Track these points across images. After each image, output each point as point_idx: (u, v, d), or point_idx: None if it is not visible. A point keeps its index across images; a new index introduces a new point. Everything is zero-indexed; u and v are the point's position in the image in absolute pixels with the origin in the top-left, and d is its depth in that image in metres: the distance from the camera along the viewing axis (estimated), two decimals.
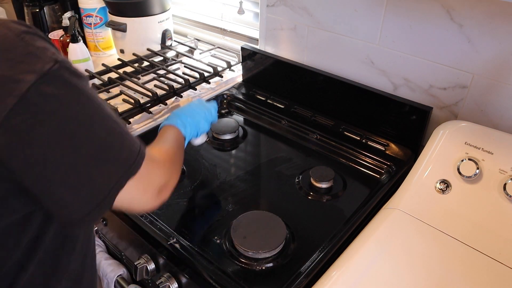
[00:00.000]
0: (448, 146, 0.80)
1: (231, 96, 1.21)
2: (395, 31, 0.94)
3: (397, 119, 0.97)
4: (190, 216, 0.82)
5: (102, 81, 1.20)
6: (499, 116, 0.86)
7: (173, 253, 0.72)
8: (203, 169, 0.95)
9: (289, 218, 0.80)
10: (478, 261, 0.67)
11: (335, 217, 0.82)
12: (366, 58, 1.02)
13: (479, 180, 0.75)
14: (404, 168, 0.91)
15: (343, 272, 0.65)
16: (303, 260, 0.72)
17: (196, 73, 1.24)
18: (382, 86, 1.01)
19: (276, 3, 1.15)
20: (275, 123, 1.12)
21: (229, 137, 1.05)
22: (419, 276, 0.65)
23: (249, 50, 1.21)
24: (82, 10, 1.40)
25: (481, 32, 0.82)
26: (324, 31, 1.07)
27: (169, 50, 1.40)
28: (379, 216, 0.77)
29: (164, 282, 0.73)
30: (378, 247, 0.69)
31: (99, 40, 1.45)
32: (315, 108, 1.11)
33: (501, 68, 0.82)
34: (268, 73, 1.20)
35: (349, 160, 0.98)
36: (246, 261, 0.71)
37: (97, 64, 1.35)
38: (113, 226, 0.89)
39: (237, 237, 0.73)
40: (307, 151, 1.02)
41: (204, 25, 1.52)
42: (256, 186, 0.91)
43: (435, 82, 0.92)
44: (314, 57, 1.13)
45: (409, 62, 0.95)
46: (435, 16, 0.86)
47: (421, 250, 0.69)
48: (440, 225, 0.73)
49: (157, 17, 1.36)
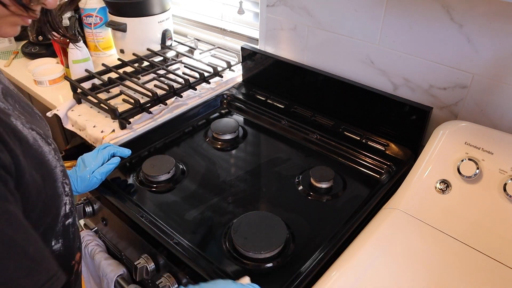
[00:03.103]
0: (448, 146, 0.80)
1: (231, 96, 1.21)
2: (395, 31, 0.94)
3: (397, 119, 0.97)
4: (190, 216, 0.82)
5: (102, 81, 1.20)
6: (499, 116, 0.86)
7: (173, 253, 0.72)
8: (203, 169, 0.95)
9: (289, 218, 0.80)
10: (478, 261, 0.67)
11: (335, 217, 0.82)
12: (366, 58, 1.02)
13: (479, 180, 0.75)
14: (404, 168, 0.91)
15: (343, 272, 0.65)
16: (303, 260, 0.72)
17: (196, 73, 1.24)
18: (382, 86, 1.01)
19: (276, 3, 1.15)
20: (275, 123, 1.12)
21: (229, 137, 1.05)
22: (419, 276, 0.65)
23: (249, 50, 1.21)
24: (82, 10, 1.40)
25: (481, 32, 0.82)
26: (324, 31, 1.07)
27: (169, 50, 1.40)
28: (379, 216, 0.77)
29: (164, 282, 0.73)
30: (378, 247, 0.69)
31: (99, 40, 1.45)
32: (315, 108, 1.11)
33: (501, 68, 0.82)
34: (268, 73, 1.20)
35: (349, 160, 0.98)
36: (246, 261, 0.71)
37: (97, 64, 1.35)
38: (113, 226, 0.89)
39: (238, 238, 0.73)
40: (307, 151, 1.02)
41: (204, 25, 1.52)
42: (256, 186, 0.91)
43: (435, 82, 0.92)
44: (314, 57, 1.13)
45: (409, 62, 0.95)
46: (435, 16, 0.86)
47: (421, 250, 0.69)
48: (440, 225, 0.73)
49: (157, 17, 1.35)
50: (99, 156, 0.84)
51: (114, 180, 0.91)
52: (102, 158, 0.84)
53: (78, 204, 0.91)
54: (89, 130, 1.04)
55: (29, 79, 1.33)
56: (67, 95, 1.21)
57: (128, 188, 0.90)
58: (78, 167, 0.83)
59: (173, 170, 0.91)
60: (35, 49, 1.48)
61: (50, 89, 1.28)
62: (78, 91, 1.15)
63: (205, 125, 1.12)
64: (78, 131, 1.10)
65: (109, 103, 1.06)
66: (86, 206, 0.91)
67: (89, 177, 0.81)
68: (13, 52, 1.54)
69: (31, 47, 1.49)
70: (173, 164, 0.91)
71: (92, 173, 0.82)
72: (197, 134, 1.09)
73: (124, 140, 1.01)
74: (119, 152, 0.87)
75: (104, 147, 0.87)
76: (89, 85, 1.19)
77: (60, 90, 1.28)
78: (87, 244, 0.93)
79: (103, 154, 0.85)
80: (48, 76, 1.29)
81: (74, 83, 1.15)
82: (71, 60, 1.23)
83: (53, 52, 1.44)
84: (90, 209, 0.91)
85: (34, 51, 1.47)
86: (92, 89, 1.17)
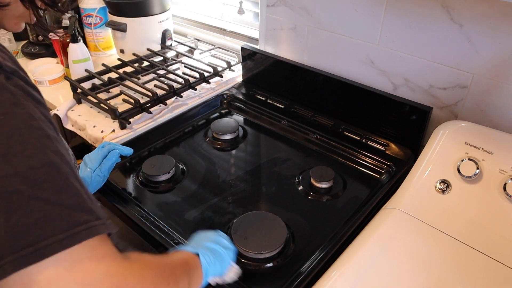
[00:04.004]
0: (448, 146, 0.80)
1: (231, 96, 1.21)
2: (395, 31, 0.94)
3: (397, 119, 0.97)
4: (190, 216, 0.82)
5: (102, 81, 1.20)
6: (499, 116, 0.86)
7: None
8: (203, 169, 0.95)
9: (289, 218, 0.80)
10: (477, 261, 0.67)
11: (335, 217, 0.82)
12: (366, 58, 1.02)
13: (479, 180, 0.75)
14: (404, 168, 0.91)
15: (343, 272, 0.65)
16: (303, 260, 0.72)
17: (196, 73, 1.24)
18: (382, 86, 1.01)
19: (276, 3, 1.15)
20: (275, 123, 1.12)
21: (229, 137, 1.05)
22: (419, 276, 0.65)
23: (249, 50, 1.21)
24: (82, 10, 1.40)
25: (481, 32, 0.82)
26: (324, 31, 1.07)
27: (169, 50, 1.40)
28: (379, 216, 0.77)
29: None
30: (378, 247, 0.69)
31: (99, 40, 1.45)
32: (315, 108, 1.11)
33: (501, 68, 0.82)
34: (268, 73, 1.20)
35: (349, 160, 0.98)
36: (246, 261, 0.71)
37: (97, 64, 1.35)
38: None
39: (238, 238, 0.73)
40: (307, 151, 1.02)
41: (204, 25, 1.52)
42: (256, 186, 0.91)
43: (435, 82, 0.92)
44: (314, 57, 1.13)
45: (409, 62, 0.95)
46: (435, 16, 0.86)
47: (421, 250, 0.69)
48: (440, 225, 0.73)
49: (157, 17, 1.35)
50: (99, 154, 0.84)
51: (114, 180, 0.91)
52: (102, 156, 0.84)
53: None
54: (89, 130, 1.04)
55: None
56: (67, 95, 1.21)
57: (128, 188, 0.90)
58: (81, 169, 0.83)
59: (173, 170, 0.91)
60: (35, 49, 1.48)
61: (50, 89, 1.28)
62: (78, 91, 1.15)
63: (205, 125, 1.12)
64: (78, 131, 1.10)
65: (109, 103, 1.06)
66: None
67: (91, 177, 0.81)
68: (13, 52, 1.54)
69: (31, 47, 1.49)
70: (173, 164, 0.91)
71: (94, 172, 0.82)
72: (197, 134, 1.09)
73: (124, 140, 1.01)
74: (120, 150, 0.87)
75: (103, 146, 0.87)
76: (89, 85, 1.19)
77: (60, 90, 1.28)
78: None
79: (102, 152, 0.85)
80: (48, 76, 1.29)
81: (74, 83, 1.15)
82: (71, 60, 1.23)
83: (53, 52, 1.44)
84: None
85: (34, 51, 1.47)
86: (92, 89, 1.17)
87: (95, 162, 0.83)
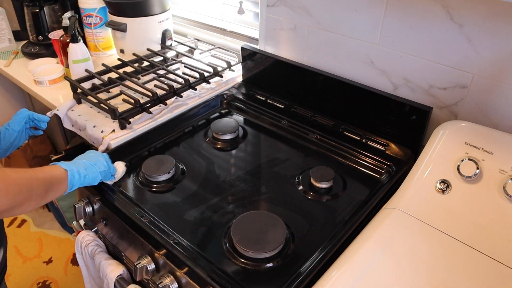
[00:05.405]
0: (448, 146, 0.80)
1: (231, 96, 1.21)
2: (395, 31, 0.94)
3: (397, 119, 0.97)
4: (190, 216, 0.82)
5: (102, 81, 1.20)
6: (499, 116, 0.86)
7: (173, 253, 0.72)
8: (203, 169, 0.95)
9: (289, 218, 0.80)
10: (478, 261, 0.67)
11: (335, 217, 0.82)
12: (366, 58, 1.02)
13: (479, 180, 0.75)
14: (404, 168, 0.91)
15: (343, 272, 0.65)
16: (303, 260, 0.72)
17: (196, 73, 1.24)
18: (382, 86, 1.01)
19: (276, 3, 1.15)
20: (275, 123, 1.12)
21: (229, 137, 1.05)
22: (418, 276, 0.65)
23: (249, 50, 1.21)
24: (82, 10, 1.40)
25: (481, 32, 0.82)
26: (324, 31, 1.07)
27: (169, 50, 1.40)
28: (379, 216, 0.77)
29: (164, 282, 0.73)
30: (378, 247, 0.69)
31: (99, 40, 1.45)
32: (315, 108, 1.11)
33: (501, 68, 0.82)
34: (268, 73, 1.20)
35: (349, 160, 0.98)
36: (246, 261, 0.71)
37: (97, 64, 1.35)
38: (113, 226, 0.89)
39: (238, 238, 0.73)
40: (307, 151, 1.02)
41: (204, 25, 1.52)
42: (256, 186, 0.91)
43: (435, 82, 0.92)
44: (314, 57, 1.13)
45: (409, 62, 0.95)
46: (435, 16, 0.86)
47: (421, 250, 0.69)
48: (440, 225, 0.73)
49: (157, 17, 1.35)
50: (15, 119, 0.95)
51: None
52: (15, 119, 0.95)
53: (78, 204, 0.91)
54: (89, 130, 1.04)
55: (29, 79, 1.33)
56: (67, 95, 1.21)
57: (128, 188, 0.90)
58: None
59: (173, 170, 0.91)
60: (35, 49, 1.48)
61: (50, 89, 1.28)
62: (78, 91, 1.15)
63: (205, 125, 1.12)
64: (78, 131, 1.10)
65: (109, 103, 1.06)
66: (86, 206, 0.91)
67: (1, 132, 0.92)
68: (13, 52, 1.54)
69: (31, 47, 1.49)
70: (173, 164, 0.91)
71: (2, 126, 0.93)
72: (197, 134, 1.09)
73: (124, 140, 1.01)
74: (32, 114, 0.97)
75: (20, 113, 0.96)
76: (89, 85, 1.19)
77: (60, 90, 1.28)
78: (87, 244, 0.93)
79: (17, 116, 0.95)
80: (48, 76, 1.29)
81: (74, 83, 1.15)
82: (71, 60, 1.23)
83: (53, 52, 1.44)
84: (90, 209, 0.91)
85: (34, 51, 1.47)
86: (92, 89, 1.17)
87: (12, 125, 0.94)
